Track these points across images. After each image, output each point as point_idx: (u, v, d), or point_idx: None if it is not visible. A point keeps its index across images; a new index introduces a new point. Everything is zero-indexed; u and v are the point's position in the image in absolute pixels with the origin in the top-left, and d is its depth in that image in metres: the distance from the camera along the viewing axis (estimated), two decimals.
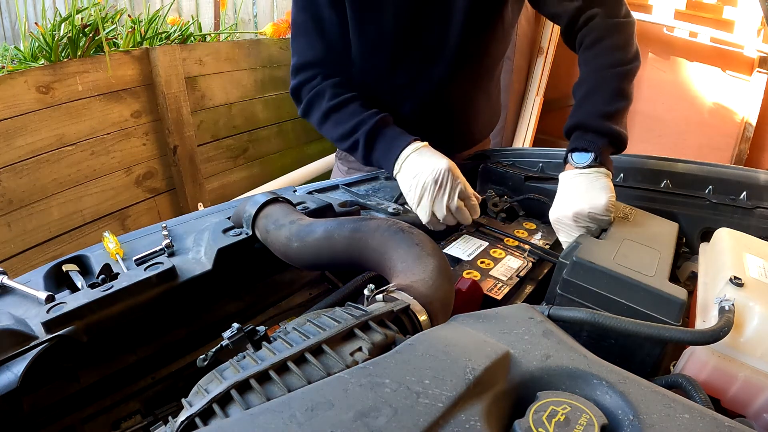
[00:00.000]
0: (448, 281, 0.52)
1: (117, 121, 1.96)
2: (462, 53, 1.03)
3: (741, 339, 0.52)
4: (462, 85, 1.10)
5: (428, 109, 1.11)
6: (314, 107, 1.02)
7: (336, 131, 0.99)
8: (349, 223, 0.60)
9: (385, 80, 1.08)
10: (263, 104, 2.63)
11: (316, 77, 1.03)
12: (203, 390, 0.37)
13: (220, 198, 2.47)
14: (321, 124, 1.02)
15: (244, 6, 3.25)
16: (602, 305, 0.60)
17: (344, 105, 0.99)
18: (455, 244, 0.85)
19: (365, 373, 0.34)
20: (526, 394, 0.35)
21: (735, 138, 2.61)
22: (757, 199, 0.90)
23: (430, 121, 1.12)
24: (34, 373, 0.49)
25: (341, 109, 0.99)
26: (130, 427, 0.57)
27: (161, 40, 2.11)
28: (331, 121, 1.00)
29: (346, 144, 0.98)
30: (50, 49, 1.70)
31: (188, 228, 0.77)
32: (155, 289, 0.60)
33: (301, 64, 1.04)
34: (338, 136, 0.99)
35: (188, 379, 0.64)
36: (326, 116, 1.00)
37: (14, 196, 1.66)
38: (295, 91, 1.06)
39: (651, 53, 2.76)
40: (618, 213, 0.79)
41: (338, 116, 0.99)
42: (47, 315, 0.52)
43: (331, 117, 1.00)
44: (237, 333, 0.42)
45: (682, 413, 0.33)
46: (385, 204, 0.93)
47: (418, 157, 0.87)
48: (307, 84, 1.03)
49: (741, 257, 0.62)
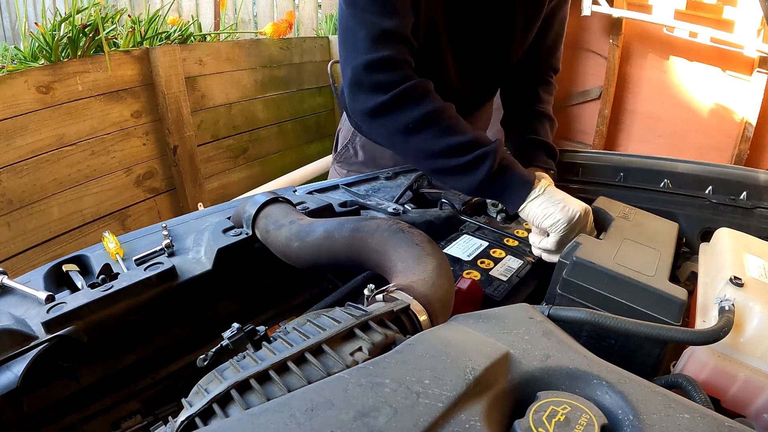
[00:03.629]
0: (448, 281, 0.52)
1: (117, 121, 1.96)
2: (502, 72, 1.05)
3: (741, 339, 0.52)
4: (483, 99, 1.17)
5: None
6: (409, 104, 0.77)
7: (446, 140, 0.77)
8: (349, 223, 0.60)
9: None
10: (263, 104, 2.63)
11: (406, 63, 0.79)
12: (203, 390, 0.37)
13: (220, 198, 2.47)
14: (414, 129, 0.77)
15: (244, 6, 3.25)
16: (602, 305, 0.60)
17: (452, 112, 0.80)
18: (455, 244, 0.85)
19: (365, 373, 0.34)
20: (526, 394, 0.35)
21: (735, 138, 2.60)
22: (757, 199, 0.90)
23: None
24: (34, 373, 0.49)
25: (451, 115, 0.79)
26: (130, 427, 0.57)
27: (161, 40, 2.11)
28: (438, 127, 0.77)
29: (457, 159, 0.76)
30: (50, 49, 1.70)
31: (188, 228, 0.77)
32: (155, 289, 0.60)
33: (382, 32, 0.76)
34: (446, 147, 0.76)
35: (188, 379, 0.64)
36: (433, 119, 0.77)
37: (14, 196, 1.66)
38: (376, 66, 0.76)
39: (651, 53, 2.76)
40: (618, 213, 0.79)
41: (449, 122, 0.78)
42: (47, 315, 0.52)
43: (440, 123, 0.77)
44: (237, 333, 0.42)
45: (682, 413, 0.33)
46: (385, 204, 0.93)
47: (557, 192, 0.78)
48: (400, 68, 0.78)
49: (741, 257, 0.62)
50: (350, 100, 0.81)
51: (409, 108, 0.77)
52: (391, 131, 0.79)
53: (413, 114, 0.77)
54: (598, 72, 2.92)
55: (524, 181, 0.78)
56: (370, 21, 0.77)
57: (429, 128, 0.77)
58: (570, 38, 2.88)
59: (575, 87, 3.06)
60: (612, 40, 2.77)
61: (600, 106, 2.95)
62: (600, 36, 2.85)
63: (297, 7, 3.28)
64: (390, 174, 1.10)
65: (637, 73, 2.85)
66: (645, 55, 2.79)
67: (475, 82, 1.07)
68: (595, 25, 2.83)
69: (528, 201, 0.77)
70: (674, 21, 2.49)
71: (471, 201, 0.98)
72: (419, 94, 0.78)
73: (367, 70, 0.77)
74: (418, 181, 1.05)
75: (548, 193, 0.77)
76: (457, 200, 0.97)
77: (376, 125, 0.80)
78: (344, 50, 0.81)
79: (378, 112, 0.78)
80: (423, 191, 1.05)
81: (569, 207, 0.75)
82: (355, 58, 0.78)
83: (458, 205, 0.96)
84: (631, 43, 2.79)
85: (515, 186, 0.78)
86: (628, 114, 2.96)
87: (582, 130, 3.14)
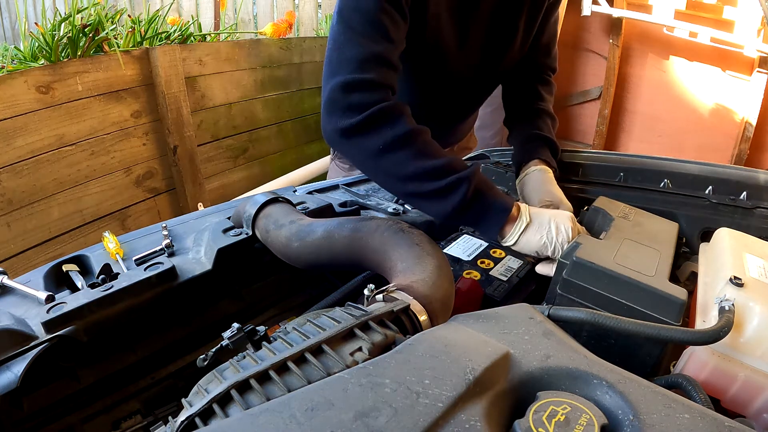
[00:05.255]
0: (448, 281, 0.52)
1: (117, 121, 1.96)
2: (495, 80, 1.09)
3: (741, 339, 0.52)
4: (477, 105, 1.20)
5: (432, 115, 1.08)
6: (382, 126, 0.75)
7: (418, 164, 0.74)
8: (349, 223, 0.60)
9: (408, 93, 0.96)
10: (263, 104, 2.63)
11: (385, 87, 0.78)
12: (203, 390, 0.37)
13: (220, 198, 2.47)
14: (387, 151, 0.75)
15: (244, 6, 3.25)
16: (602, 305, 0.60)
17: (427, 135, 0.78)
18: (455, 244, 0.85)
19: (365, 373, 0.34)
20: (527, 394, 0.35)
21: (735, 138, 2.61)
22: (757, 199, 0.90)
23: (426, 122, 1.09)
24: (34, 373, 0.49)
25: (425, 138, 0.77)
26: (130, 427, 0.57)
27: (161, 40, 2.11)
28: (410, 150, 0.75)
29: (430, 184, 0.74)
30: (50, 49, 1.70)
31: (188, 228, 0.77)
32: (155, 289, 0.60)
33: (372, 55, 0.77)
34: (419, 171, 0.75)
35: (188, 379, 0.64)
36: (405, 141, 0.75)
37: (14, 196, 1.66)
38: (354, 86, 0.75)
39: (651, 53, 2.76)
40: (618, 213, 0.79)
41: (422, 146, 0.76)
42: (47, 315, 0.52)
43: (413, 146, 0.75)
44: (237, 333, 0.42)
45: (682, 413, 0.33)
46: (385, 204, 0.93)
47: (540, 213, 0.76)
48: (377, 89, 0.77)
49: (741, 257, 0.62)
50: (324, 120, 0.79)
51: (383, 129, 0.75)
52: (363, 153, 0.77)
53: (386, 136, 0.74)
54: (598, 72, 2.92)
55: (501, 209, 0.74)
56: (361, 43, 0.77)
57: (401, 150, 0.75)
58: (570, 38, 2.88)
59: (575, 87, 3.06)
60: (612, 40, 2.77)
61: (600, 106, 2.95)
62: (600, 36, 2.85)
63: (297, 7, 3.28)
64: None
65: (637, 73, 2.85)
66: (645, 55, 2.79)
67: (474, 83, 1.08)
68: (595, 25, 2.83)
69: (519, 234, 0.74)
70: (674, 21, 2.49)
71: None
72: (393, 116, 0.76)
73: (344, 90, 0.75)
74: None
75: (535, 218, 0.74)
76: None
77: (348, 146, 0.78)
78: (328, 66, 0.79)
79: (350, 132, 0.75)
80: None
81: (560, 224, 0.73)
82: (335, 76, 0.77)
83: None
84: (631, 43, 2.79)
85: (492, 213, 0.75)
86: (628, 114, 2.96)
87: (582, 130, 3.14)
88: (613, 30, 2.75)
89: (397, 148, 0.74)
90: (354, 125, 0.74)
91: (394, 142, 0.74)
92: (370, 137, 0.75)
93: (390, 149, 0.75)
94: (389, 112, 0.75)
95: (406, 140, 0.75)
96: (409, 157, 0.74)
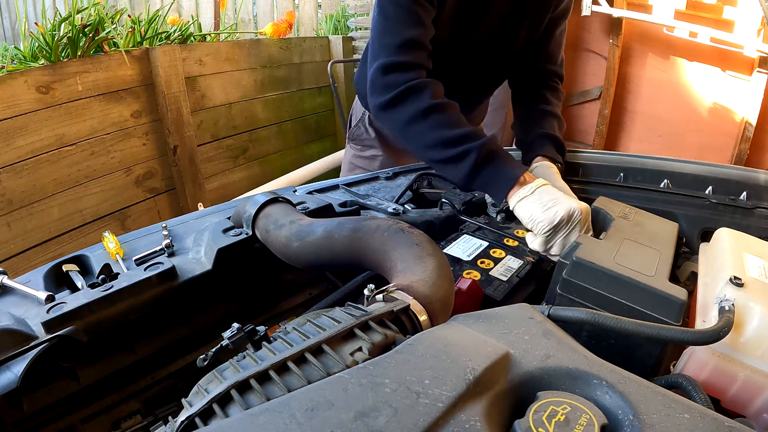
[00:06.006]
0: (448, 281, 0.52)
1: (117, 121, 1.96)
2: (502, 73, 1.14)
3: (741, 339, 0.52)
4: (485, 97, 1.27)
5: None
6: (409, 101, 0.86)
7: (436, 134, 0.84)
8: (349, 223, 0.60)
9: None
10: (263, 104, 2.64)
11: (419, 66, 0.89)
12: (203, 390, 0.37)
13: (220, 198, 2.47)
14: (412, 123, 0.86)
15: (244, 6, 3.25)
16: (602, 305, 0.60)
17: (449, 108, 0.87)
18: (455, 244, 0.85)
19: (365, 373, 0.34)
20: (526, 394, 0.35)
21: (735, 138, 2.60)
22: (757, 199, 0.90)
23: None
24: (34, 373, 0.49)
25: (446, 111, 0.86)
26: (130, 427, 0.57)
27: (161, 40, 2.12)
28: (431, 121, 0.85)
29: (446, 152, 0.84)
30: (50, 49, 1.70)
31: (188, 228, 0.77)
32: (155, 289, 0.60)
33: (406, 40, 0.88)
34: (437, 140, 0.84)
35: (188, 379, 0.64)
36: (427, 114, 0.85)
37: (14, 196, 1.67)
38: (391, 68, 0.87)
39: (651, 53, 2.76)
40: (618, 213, 0.79)
41: (442, 117, 0.85)
42: (47, 315, 0.52)
43: (434, 118, 0.85)
44: (237, 333, 0.42)
45: (682, 413, 0.33)
46: (385, 204, 0.93)
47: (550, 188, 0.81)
48: (410, 70, 0.88)
49: (741, 257, 0.62)
50: (368, 99, 0.92)
51: (409, 104, 0.86)
52: (395, 125, 0.89)
53: (411, 109, 0.86)
54: (598, 72, 2.92)
55: (508, 176, 0.81)
56: (397, 30, 0.89)
57: (423, 121, 0.85)
58: (570, 38, 2.88)
59: (575, 87, 3.06)
60: (612, 40, 2.77)
61: (600, 106, 2.95)
62: (600, 36, 2.85)
63: (297, 7, 3.28)
64: (390, 174, 1.10)
65: (637, 73, 2.85)
66: (645, 55, 2.79)
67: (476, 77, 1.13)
68: (595, 25, 2.83)
69: (517, 201, 0.80)
70: (674, 21, 2.48)
71: (471, 201, 0.98)
72: (419, 91, 0.86)
73: (382, 72, 0.88)
74: (417, 181, 1.05)
75: (538, 194, 0.79)
76: (457, 200, 0.97)
77: (384, 119, 0.91)
78: (371, 53, 0.92)
79: (384, 107, 0.88)
80: (423, 191, 1.05)
81: (554, 209, 0.76)
82: (376, 60, 0.90)
83: (458, 205, 0.96)
84: (631, 43, 2.79)
85: (499, 180, 0.82)
86: (628, 114, 2.96)
87: (582, 130, 3.14)
88: (613, 30, 2.74)
89: (420, 119, 0.85)
90: (387, 101, 0.87)
91: (417, 115, 0.85)
92: (398, 111, 0.87)
93: (414, 121, 0.86)
94: (416, 88, 0.86)
95: (427, 113, 0.85)
96: (430, 128, 0.85)
